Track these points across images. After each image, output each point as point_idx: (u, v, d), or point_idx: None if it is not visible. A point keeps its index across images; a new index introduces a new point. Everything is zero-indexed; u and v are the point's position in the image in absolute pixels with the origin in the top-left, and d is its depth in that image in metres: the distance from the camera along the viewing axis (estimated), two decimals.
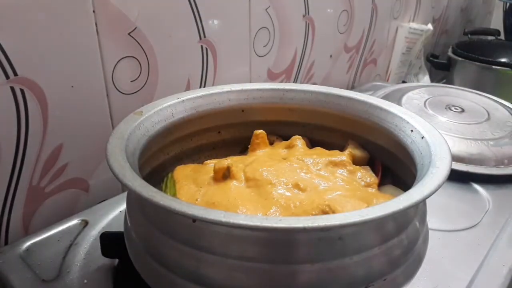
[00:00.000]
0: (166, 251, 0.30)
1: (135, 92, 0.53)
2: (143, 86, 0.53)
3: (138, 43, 0.51)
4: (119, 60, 0.50)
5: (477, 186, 0.56)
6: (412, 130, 0.39)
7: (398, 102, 0.72)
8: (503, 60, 1.11)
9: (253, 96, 0.46)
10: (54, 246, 0.43)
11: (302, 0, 0.73)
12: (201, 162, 0.44)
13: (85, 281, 0.39)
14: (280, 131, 0.48)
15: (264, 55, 0.69)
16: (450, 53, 1.04)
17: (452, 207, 0.52)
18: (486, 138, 0.62)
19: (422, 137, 0.37)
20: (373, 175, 0.41)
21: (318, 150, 0.44)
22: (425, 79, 1.15)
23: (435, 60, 1.08)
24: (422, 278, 0.40)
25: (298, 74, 0.79)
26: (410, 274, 0.32)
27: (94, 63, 0.47)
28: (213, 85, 0.62)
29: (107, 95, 0.50)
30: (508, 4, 1.28)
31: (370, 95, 0.47)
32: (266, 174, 0.37)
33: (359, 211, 0.26)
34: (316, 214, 0.33)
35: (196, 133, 0.46)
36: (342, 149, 0.45)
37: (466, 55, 0.99)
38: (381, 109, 0.43)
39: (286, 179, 0.37)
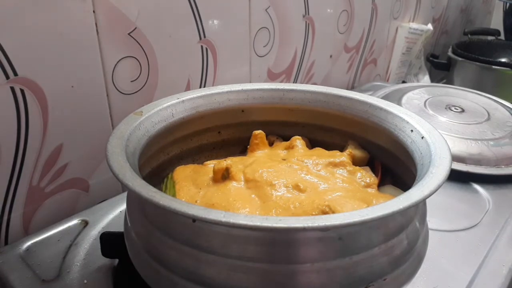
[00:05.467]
0: (166, 251, 0.30)
1: (135, 92, 0.53)
2: (143, 86, 0.53)
3: (138, 43, 0.51)
4: (119, 60, 0.50)
5: (477, 186, 0.56)
6: (412, 130, 0.39)
7: (398, 102, 0.72)
8: (503, 60, 1.12)
9: (253, 96, 0.46)
10: (54, 246, 0.43)
11: (302, 0, 0.73)
12: (201, 162, 0.44)
13: (85, 281, 0.39)
14: (280, 131, 0.48)
15: (264, 55, 0.69)
16: (450, 53, 1.04)
17: (452, 207, 0.52)
18: (486, 138, 0.62)
19: (422, 137, 0.37)
20: (373, 175, 0.41)
21: (318, 150, 0.44)
22: (425, 79, 1.15)
23: (435, 60, 1.08)
24: (422, 278, 0.40)
25: (298, 74, 0.79)
26: (410, 274, 0.32)
27: (94, 63, 0.47)
28: (213, 85, 0.62)
29: (107, 95, 0.50)
30: (508, 4, 1.28)
31: (370, 95, 0.47)
32: (266, 175, 0.37)
33: (359, 211, 0.26)
34: (316, 215, 0.33)
35: (196, 133, 0.46)
36: (342, 149, 0.45)
37: (466, 55, 0.99)
38: (381, 109, 0.43)
39: (285, 180, 0.37)
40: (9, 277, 0.39)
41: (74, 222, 0.47)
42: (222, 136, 0.48)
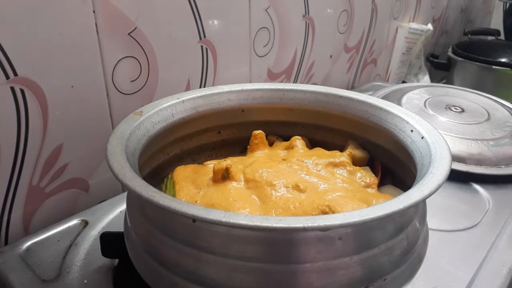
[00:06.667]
0: (166, 251, 0.30)
1: (135, 92, 0.53)
2: (143, 86, 0.53)
3: (138, 43, 0.51)
4: (119, 60, 0.50)
5: (477, 186, 0.56)
6: (412, 130, 0.39)
7: (398, 102, 0.72)
8: (503, 60, 1.12)
9: (253, 96, 0.46)
10: (54, 246, 0.43)
11: (302, 0, 0.73)
12: (201, 162, 0.44)
13: (85, 281, 0.39)
14: (280, 131, 0.48)
15: (264, 55, 0.69)
16: (450, 53, 1.04)
17: (452, 207, 0.52)
18: (486, 138, 0.62)
19: (422, 137, 0.37)
20: (373, 175, 0.41)
21: (318, 150, 0.44)
22: (425, 79, 1.15)
23: (435, 60, 1.08)
24: (422, 278, 0.40)
25: (298, 74, 0.79)
26: (410, 274, 0.32)
27: (94, 63, 0.47)
28: (213, 85, 0.62)
29: (107, 95, 0.50)
30: (508, 4, 1.28)
31: (370, 95, 0.47)
32: (266, 175, 0.37)
33: (359, 211, 0.26)
34: (316, 215, 0.33)
35: (196, 133, 0.46)
36: (342, 149, 0.45)
37: (466, 55, 0.99)
38: (381, 109, 0.43)
39: (285, 180, 0.37)
40: (9, 277, 0.39)
41: (74, 222, 0.47)
42: (222, 136, 0.48)
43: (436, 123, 0.65)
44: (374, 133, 0.43)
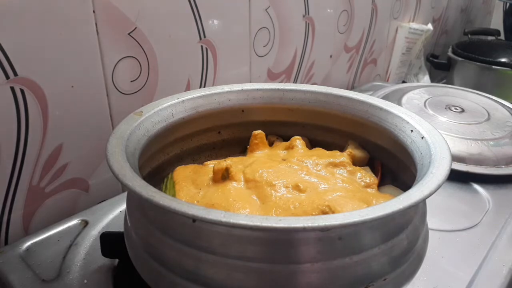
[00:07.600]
0: (166, 251, 0.30)
1: (135, 92, 0.53)
2: (143, 86, 0.53)
3: (138, 43, 0.51)
4: (119, 60, 0.50)
5: (477, 186, 0.56)
6: (412, 130, 0.39)
7: (398, 102, 0.72)
8: (503, 60, 1.11)
9: (253, 96, 0.46)
10: (54, 246, 0.43)
11: (302, 0, 0.73)
12: (201, 162, 0.44)
13: (85, 281, 0.39)
14: (280, 131, 0.48)
15: (264, 55, 0.69)
16: (450, 53, 1.04)
17: (452, 207, 0.52)
18: (486, 138, 0.62)
19: (422, 137, 0.37)
20: (373, 175, 0.41)
21: (318, 150, 0.44)
22: (425, 79, 1.15)
23: (435, 60, 1.08)
24: (422, 278, 0.40)
25: (298, 74, 0.79)
26: (410, 274, 0.32)
27: (94, 63, 0.47)
28: (213, 85, 0.62)
29: (107, 95, 0.50)
30: (508, 4, 1.28)
31: (370, 95, 0.47)
32: (266, 175, 0.37)
33: (359, 211, 0.26)
34: (316, 215, 0.33)
35: (196, 133, 0.46)
36: (342, 149, 0.45)
37: (466, 55, 0.99)
38: (381, 109, 0.43)
39: (285, 180, 0.37)
40: (9, 277, 0.39)
41: (74, 222, 0.47)
42: (222, 136, 0.48)
43: (436, 123, 0.65)
44: (374, 133, 0.43)
